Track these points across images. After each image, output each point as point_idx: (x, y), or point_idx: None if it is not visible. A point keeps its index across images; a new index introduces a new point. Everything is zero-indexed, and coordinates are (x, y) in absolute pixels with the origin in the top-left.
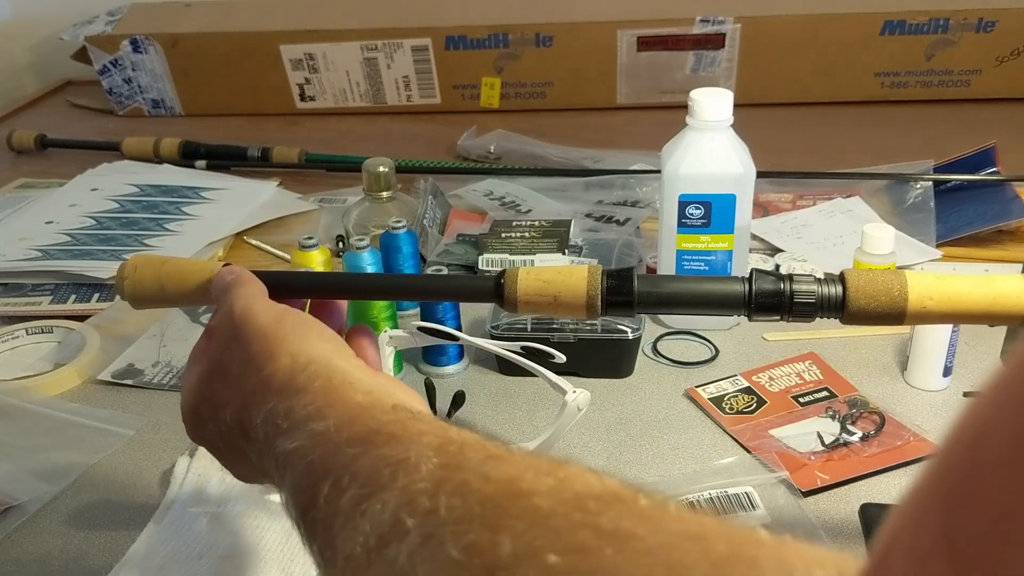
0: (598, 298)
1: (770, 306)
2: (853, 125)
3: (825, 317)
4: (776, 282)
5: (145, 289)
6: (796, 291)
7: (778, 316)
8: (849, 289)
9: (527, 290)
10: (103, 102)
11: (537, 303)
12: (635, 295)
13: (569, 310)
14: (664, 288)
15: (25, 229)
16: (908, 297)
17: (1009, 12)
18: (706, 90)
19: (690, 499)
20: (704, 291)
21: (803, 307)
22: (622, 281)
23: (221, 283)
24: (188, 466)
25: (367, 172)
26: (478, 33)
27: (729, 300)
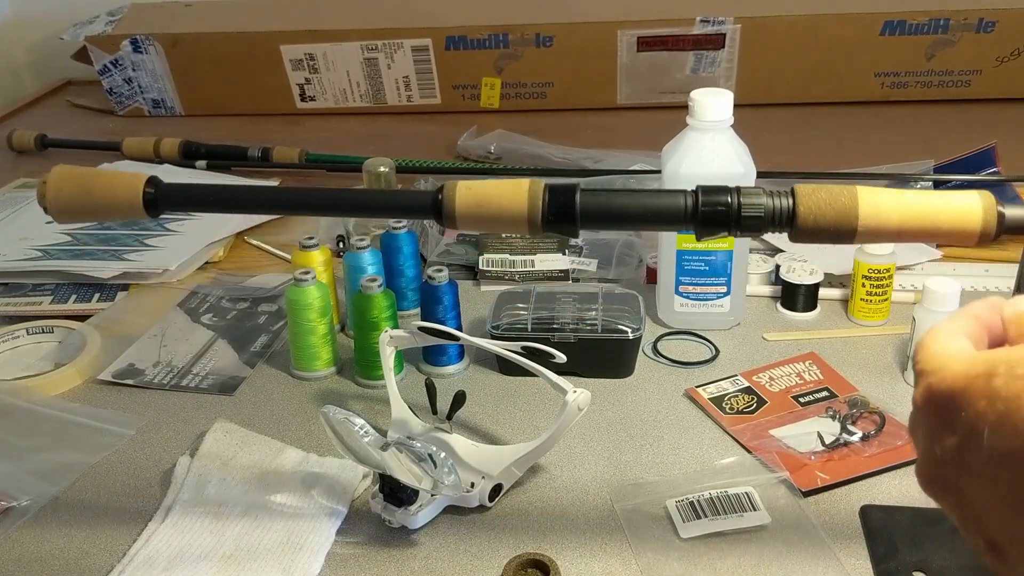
0: (539, 212)
1: (717, 219)
2: (853, 125)
3: (775, 231)
4: (723, 194)
5: (68, 201)
6: (744, 203)
7: (726, 231)
8: (799, 203)
9: (465, 205)
10: (103, 102)
11: (476, 218)
12: (577, 209)
13: (510, 224)
14: (607, 201)
15: (25, 229)
16: (859, 209)
17: (1009, 12)
18: (706, 90)
19: (690, 499)
20: (649, 204)
21: (752, 220)
22: (564, 195)
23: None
24: (189, 466)
25: (367, 172)
26: (478, 33)
27: (674, 213)
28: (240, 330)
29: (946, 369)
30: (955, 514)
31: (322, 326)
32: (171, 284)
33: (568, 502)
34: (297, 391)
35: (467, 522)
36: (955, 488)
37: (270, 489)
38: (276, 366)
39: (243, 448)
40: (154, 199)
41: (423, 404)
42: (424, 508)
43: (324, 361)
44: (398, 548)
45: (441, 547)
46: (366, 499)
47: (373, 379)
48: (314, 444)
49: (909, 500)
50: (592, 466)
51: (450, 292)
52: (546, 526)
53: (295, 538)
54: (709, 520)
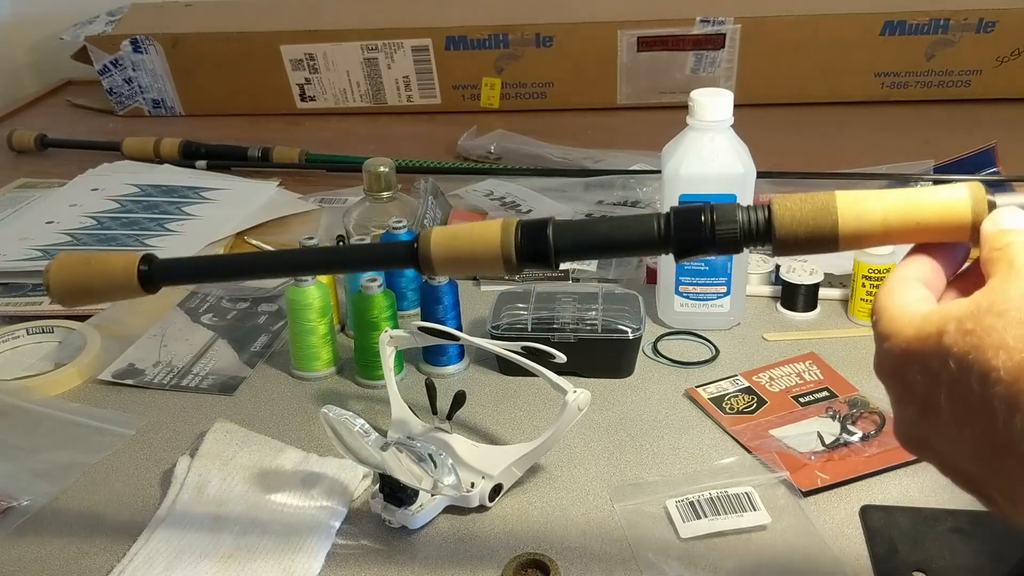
0: (512, 252)
1: (693, 240)
2: (853, 125)
3: (755, 247)
4: (696, 216)
5: (70, 288)
6: (718, 223)
7: (703, 252)
8: (774, 216)
9: (440, 250)
10: (103, 102)
11: (453, 262)
12: (551, 246)
13: (486, 267)
14: (580, 234)
15: (25, 229)
16: (838, 216)
17: (1009, 12)
18: (706, 90)
19: (690, 499)
20: (621, 233)
21: (727, 239)
22: (536, 232)
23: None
24: (189, 466)
25: (367, 172)
26: (478, 33)
27: (648, 239)
28: (240, 330)
29: (900, 334)
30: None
31: (322, 326)
32: None
33: (568, 502)
34: (297, 391)
35: (467, 522)
36: (928, 446)
37: (270, 489)
38: (276, 366)
39: (243, 448)
40: (149, 275)
41: (423, 404)
42: (424, 508)
43: (324, 361)
44: (398, 548)
45: (441, 547)
46: (366, 499)
47: (373, 379)
48: (314, 444)
49: (909, 500)
50: (592, 466)
51: (450, 292)
52: (546, 526)
53: (295, 538)
54: (709, 520)
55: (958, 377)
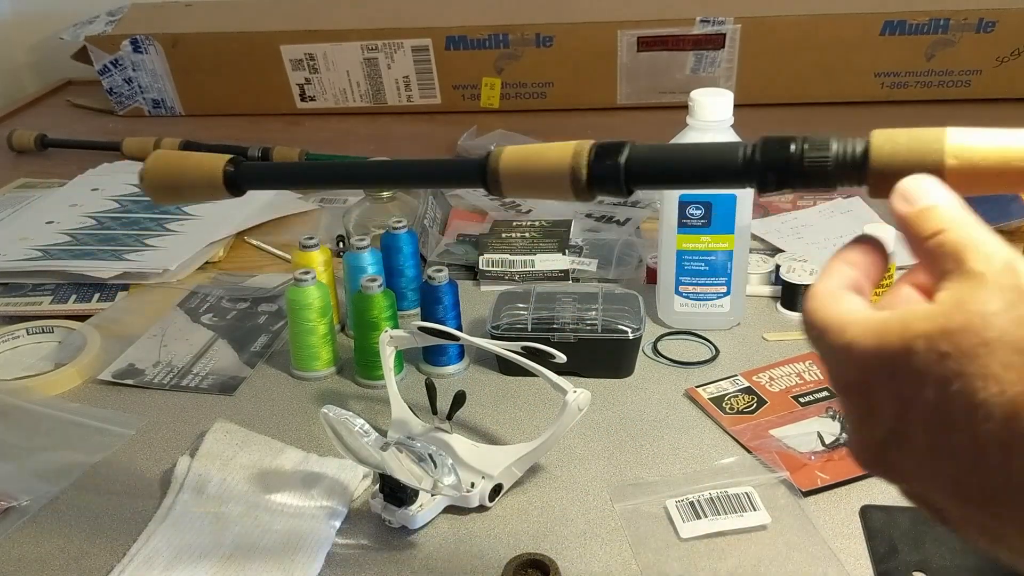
0: (583, 172)
1: (779, 168)
2: (853, 125)
3: (846, 183)
4: (785, 142)
5: (160, 181)
6: (809, 148)
7: (788, 185)
8: (873, 144)
9: (510, 168)
10: (103, 102)
11: (521, 180)
12: (622, 168)
13: (555, 188)
14: (656, 158)
15: (25, 229)
16: (945, 148)
17: (1009, 12)
18: (706, 90)
19: (690, 499)
20: (700, 159)
21: (816, 168)
22: (610, 153)
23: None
24: (189, 466)
25: None
26: (478, 33)
27: (729, 167)
28: (240, 330)
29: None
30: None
31: (322, 326)
32: (171, 284)
33: (568, 502)
34: (297, 391)
35: (467, 522)
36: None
37: (270, 489)
38: (276, 366)
39: (243, 448)
40: (234, 176)
41: (423, 404)
42: (424, 508)
43: (324, 361)
44: (398, 548)
45: (441, 547)
46: (366, 499)
47: (373, 379)
48: (314, 444)
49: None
50: (592, 466)
51: (450, 292)
52: (546, 526)
53: (295, 538)
54: (709, 520)
55: (937, 406)
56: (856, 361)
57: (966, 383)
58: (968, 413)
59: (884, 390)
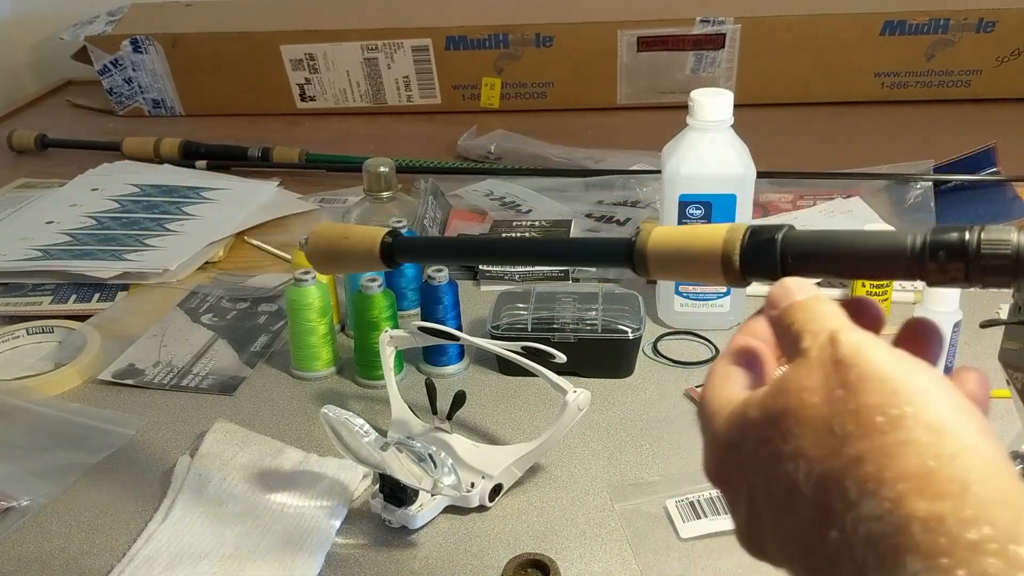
0: (735, 256)
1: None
2: (853, 125)
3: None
4: (957, 229)
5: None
6: (986, 239)
7: (965, 278)
8: None
9: (658, 249)
10: (103, 102)
11: (668, 263)
12: (778, 253)
13: (705, 272)
14: (815, 243)
15: (25, 229)
16: None
17: (1009, 12)
18: (706, 90)
19: (690, 499)
20: (864, 247)
21: (994, 260)
22: (765, 235)
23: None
24: (189, 466)
25: (367, 172)
26: (478, 33)
27: (895, 254)
28: (240, 330)
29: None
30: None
31: (322, 326)
32: (171, 284)
33: (568, 502)
34: (297, 391)
35: (467, 522)
36: (765, 552)
37: (270, 489)
38: (276, 366)
39: (243, 448)
40: (391, 250)
41: (423, 404)
42: (424, 508)
43: (324, 361)
44: (398, 548)
45: (441, 547)
46: (366, 499)
47: (373, 379)
48: (314, 444)
49: None
50: (592, 466)
51: (450, 292)
52: (546, 526)
53: (295, 538)
54: (709, 520)
55: (769, 490)
56: (715, 449)
57: (783, 465)
58: (790, 494)
59: (736, 476)
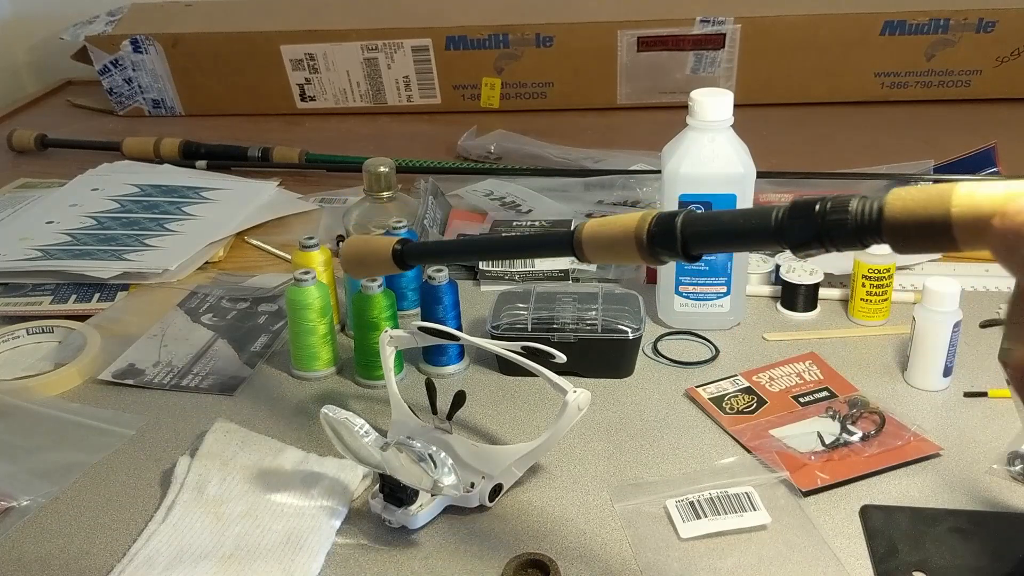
0: (644, 237)
1: (803, 227)
2: (853, 125)
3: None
4: (810, 203)
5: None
6: (831, 209)
7: (818, 244)
8: (888, 201)
9: (589, 237)
10: (103, 102)
11: (597, 247)
12: (678, 234)
13: (625, 252)
14: (704, 224)
15: (25, 229)
16: (952, 200)
17: (1009, 12)
18: (706, 90)
19: (690, 499)
20: (741, 224)
21: (837, 226)
22: (667, 220)
23: None
24: (189, 466)
25: (367, 172)
26: (478, 33)
27: (763, 230)
28: (240, 330)
29: None
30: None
31: (322, 326)
32: (171, 284)
33: (568, 502)
34: (297, 391)
35: (467, 522)
36: None
37: (270, 489)
38: (276, 366)
39: (243, 448)
40: (401, 254)
41: (423, 404)
42: (424, 508)
43: (324, 361)
44: (398, 548)
45: (441, 547)
46: (366, 499)
47: (373, 379)
48: (314, 444)
49: (909, 500)
50: (592, 466)
51: (450, 292)
52: (546, 526)
53: (295, 538)
54: (709, 520)
55: None
56: None
57: None
58: None
59: None
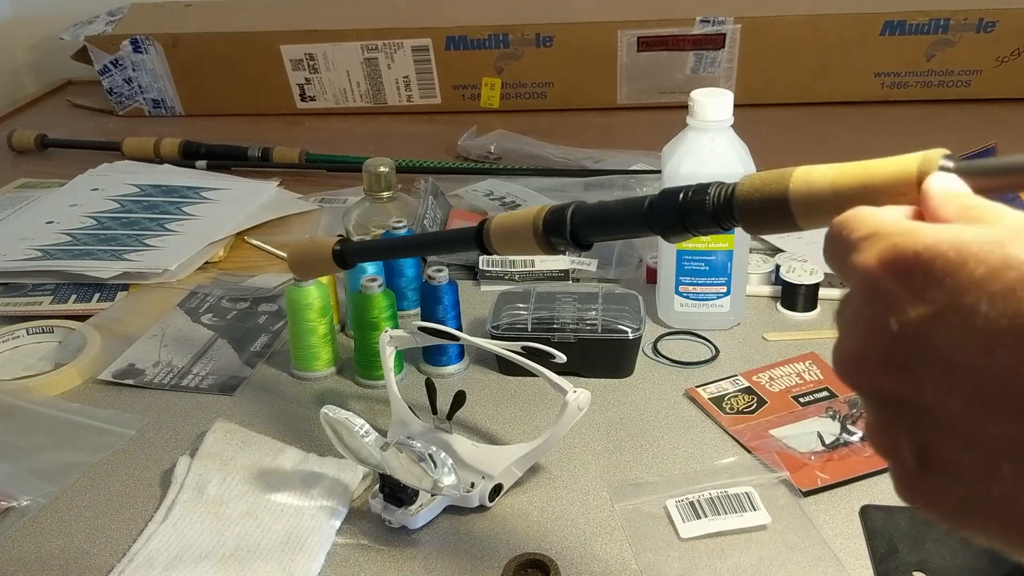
0: (540, 227)
1: (669, 210)
2: (853, 125)
3: (726, 220)
4: (676, 190)
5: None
6: (693, 194)
7: (683, 228)
8: (739, 183)
9: (496, 230)
10: (103, 102)
11: (503, 239)
12: (567, 223)
13: (525, 243)
14: (590, 213)
15: (25, 229)
16: (791, 178)
17: (1009, 12)
18: (706, 90)
19: (690, 499)
20: (621, 212)
21: (697, 208)
22: (558, 211)
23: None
24: (189, 466)
25: (367, 172)
26: (478, 33)
27: (637, 216)
28: (240, 330)
29: (919, 232)
30: (885, 408)
31: (322, 326)
32: (171, 284)
33: (568, 502)
34: (297, 391)
35: (467, 522)
36: (904, 371)
37: (270, 489)
38: (276, 366)
39: (243, 448)
40: (341, 254)
41: (423, 404)
42: (424, 508)
43: (324, 361)
44: (398, 548)
45: (441, 547)
46: (366, 499)
47: (373, 379)
48: (314, 444)
49: None
50: (592, 466)
51: (450, 292)
52: (546, 526)
53: (295, 538)
54: (709, 520)
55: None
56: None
57: None
58: None
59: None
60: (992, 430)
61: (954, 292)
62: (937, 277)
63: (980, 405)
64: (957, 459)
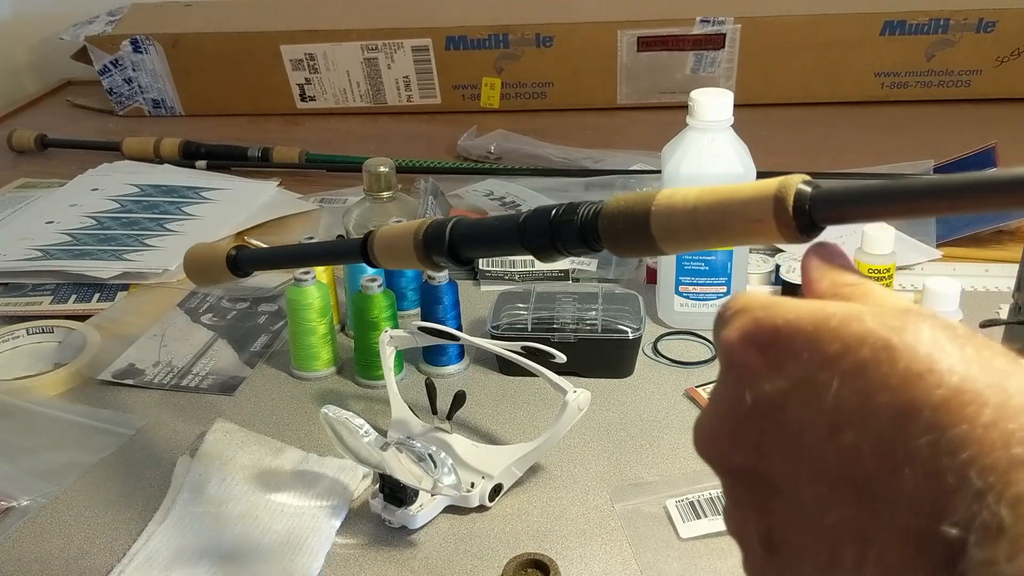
0: (421, 242)
1: (538, 230)
2: (853, 125)
3: (593, 242)
4: (546, 209)
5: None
6: (563, 213)
7: (553, 248)
8: (605, 204)
9: (379, 242)
10: (103, 102)
11: (386, 252)
12: (446, 238)
13: (408, 257)
14: (468, 230)
15: (25, 229)
16: (654, 201)
17: (1009, 12)
18: (706, 90)
19: (690, 499)
20: (496, 230)
21: (566, 228)
22: (438, 226)
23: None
24: (189, 466)
25: (367, 172)
26: (478, 33)
27: (510, 235)
28: (240, 330)
29: (781, 306)
30: (736, 486)
31: (322, 326)
32: (171, 284)
33: (568, 502)
34: (297, 391)
35: (467, 522)
36: (753, 450)
37: (270, 489)
38: (276, 366)
39: (243, 448)
40: (235, 262)
41: (423, 404)
42: (424, 508)
43: (324, 361)
44: (398, 548)
45: (441, 547)
46: (366, 499)
47: (373, 379)
48: (314, 444)
49: None
50: (592, 466)
51: (450, 292)
52: (546, 526)
53: (295, 538)
54: (709, 520)
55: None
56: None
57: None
58: None
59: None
60: (835, 514)
61: (809, 367)
62: (795, 351)
63: (825, 487)
64: (802, 544)
